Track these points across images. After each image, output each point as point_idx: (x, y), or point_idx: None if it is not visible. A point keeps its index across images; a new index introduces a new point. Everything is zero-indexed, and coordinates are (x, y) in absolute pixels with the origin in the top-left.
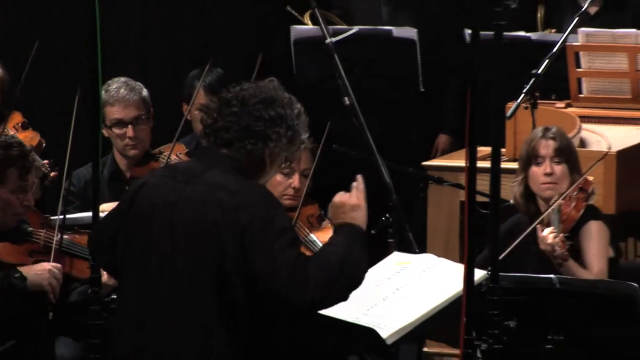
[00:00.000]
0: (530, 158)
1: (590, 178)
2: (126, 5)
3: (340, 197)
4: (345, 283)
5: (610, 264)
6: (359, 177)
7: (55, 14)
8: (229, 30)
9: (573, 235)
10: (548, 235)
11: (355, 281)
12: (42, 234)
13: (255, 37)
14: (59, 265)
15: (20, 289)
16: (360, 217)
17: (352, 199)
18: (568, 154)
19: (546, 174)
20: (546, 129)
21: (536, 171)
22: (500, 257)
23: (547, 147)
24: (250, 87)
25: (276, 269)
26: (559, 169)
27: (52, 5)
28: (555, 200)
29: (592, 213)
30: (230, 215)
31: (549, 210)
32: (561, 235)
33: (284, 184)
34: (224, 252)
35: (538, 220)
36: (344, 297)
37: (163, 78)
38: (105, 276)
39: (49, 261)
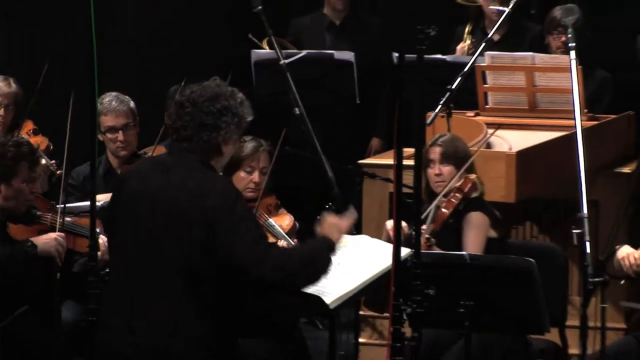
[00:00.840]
0: (426, 161)
1: (473, 176)
2: (121, 32)
3: (334, 218)
4: (303, 276)
5: (496, 243)
6: (353, 210)
7: (60, 38)
8: (204, 53)
9: (457, 223)
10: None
11: (313, 278)
12: (48, 217)
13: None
14: (62, 234)
15: (32, 255)
16: (338, 238)
17: (342, 223)
18: (454, 157)
19: (436, 174)
20: (436, 137)
21: (430, 172)
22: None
23: (434, 153)
24: (197, 89)
25: (240, 244)
26: (446, 170)
27: (57, 29)
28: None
29: (475, 205)
30: (198, 201)
31: (430, 208)
32: (425, 237)
33: (246, 179)
34: (194, 233)
35: (422, 216)
36: (297, 287)
37: (151, 93)
38: (100, 253)
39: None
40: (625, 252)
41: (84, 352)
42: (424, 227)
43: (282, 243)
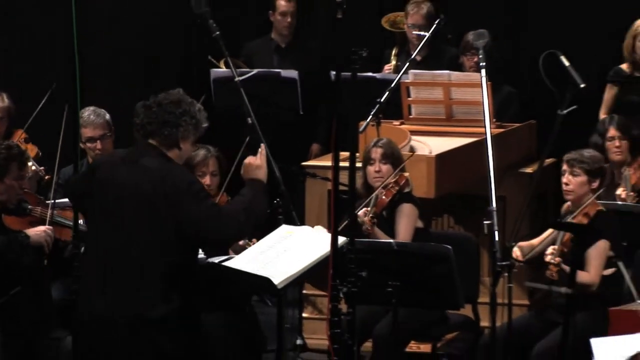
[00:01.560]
0: (367, 160)
1: (406, 174)
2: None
3: (248, 159)
4: (251, 220)
5: (421, 232)
6: (263, 146)
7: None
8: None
9: (392, 213)
10: (361, 214)
11: (259, 218)
12: (38, 209)
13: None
14: (51, 227)
15: (26, 244)
16: (262, 174)
17: (257, 161)
18: (391, 157)
19: (376, 171)
20: (377, 140)
21: (370, 169)
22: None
23: (376, 153)
24: (164, 95)
25: (201, 217)
26: (384, 167)
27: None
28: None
29: (407, 198)
30: (159, 184)
31: (371, 196)
32: (370, 216)
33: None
34: (160, 213)
35: (363, 204)
36: (250, 231)
37: (123, 106)
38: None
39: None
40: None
41: (71, 325)
42: (367, 208)
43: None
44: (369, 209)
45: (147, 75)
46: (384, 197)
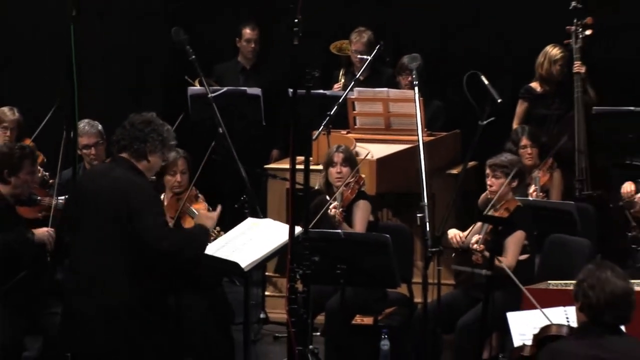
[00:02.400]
0: (329, 163)
1: (363, 175)
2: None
3: (206, 211)
4: (187, 253)
5: (372, 224)
6: (219, 207)
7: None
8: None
9: (350, 208)
10: (332, 208)
11: (194, 252)
12: (46, 199)
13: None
14: (53, 229)
15: (32, 241)
16: (210, 224)
17: (212, 214)
18: (350, 161)
19: (337, 172)
20: (338, 147)
21: (332, 170)
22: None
23: (338, 157)
24: (137, 117)
25: (150, 228)
26: (344, 170)
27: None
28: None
29: (361, 196)
30: (123, 196)
31: (337, 194)
32: (340, 210)
33: (172, 180)
34: (121, 218)
35: (330, 200)
36: (184, 257)
37: (117, 118)
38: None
39: (49, 215)
40: (452, 233)
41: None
42: (336, 203)
43: (203, 216)
44: (337, 203)
45: (136, 92)
46: (348, 194)
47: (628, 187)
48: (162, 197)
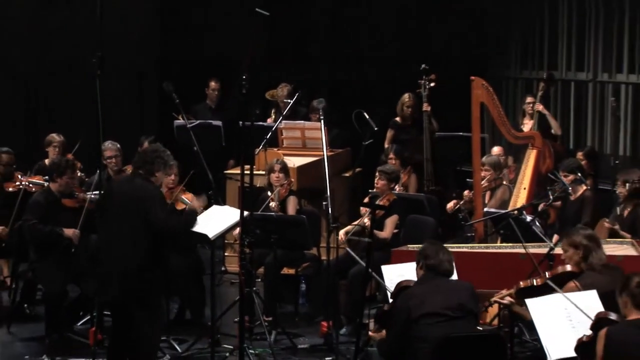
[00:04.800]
0: (271, 170)
1: (293, 179)
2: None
3: (195, 200)
4: (184, 229)
5: (299, 210)
6: (204, 196)
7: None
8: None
9: (284, 201)
10: (271, 204)
11: (189, 228)
12: (81, 195)
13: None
14: (78, 231)
15: (61, 236)
16: (198, 206)
17: (198, 203)
18: (285, 170)
19: (276, 177)
20: (277, 159)
21: (272, 175)
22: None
23: (277, 167)
24: (147, 147)
25: (159, 219)
26: (281, 175)
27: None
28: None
29: (292, 193)
30: (140, 197)
31: (275, 191)
32: (276, 202)
33: (168, 179)
34: (139, 211)
35: (272, 195)
36: (183, 234)
37: (127, 140)
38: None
39: (83, 205)
40: (348, 227)
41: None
42: (273, 196)
43: (193, 202)
44: (274, 197)
45: (140, 123)
46: (282, 191)
47: (467, 192)
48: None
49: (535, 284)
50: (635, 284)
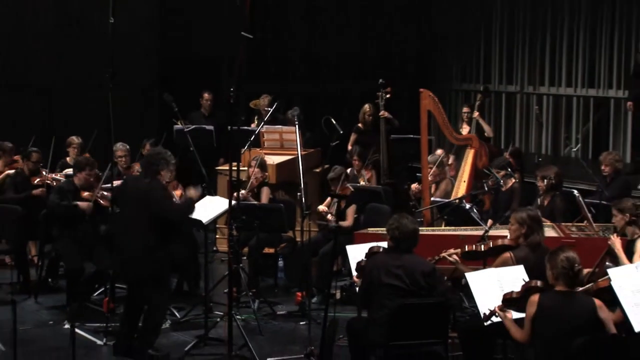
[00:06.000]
0: (248, 166)
1: (268, 173)
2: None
3: (192, 190)
4: (185, 215)
5: (273, 199)
6: (200, 187)
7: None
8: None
9: (259, 191)
10: (242, 192)
11: (188, 214)
12: (97, 191)
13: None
14: (91, 204)
15: (74, 207)
16: (195, 197)
17: (195, 192)
18: (262, 165)
19: (252, 171)
20: (255, 157)
21: (251, 170)
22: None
23: (253, 162)
24: (152, 149)
25: (165, 209)
26: (257, 170)
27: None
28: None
29: (265, 184)
30: (147, 192)
31: (250, 183)
32: (247, 190)
33: (166, 175)
34: (149, 205)
35: (247, 190)
36: (184, 220)
37: (135, 140)
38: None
39: (97, 198)
40: (321, 207)
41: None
42: (244, 191)
43: (191, 193)
44: (248, 188)
45: (146, 128)
46: (254, 182)
47: (416, 185)
48: None
49: (482, 249)
50: (561, 260)
